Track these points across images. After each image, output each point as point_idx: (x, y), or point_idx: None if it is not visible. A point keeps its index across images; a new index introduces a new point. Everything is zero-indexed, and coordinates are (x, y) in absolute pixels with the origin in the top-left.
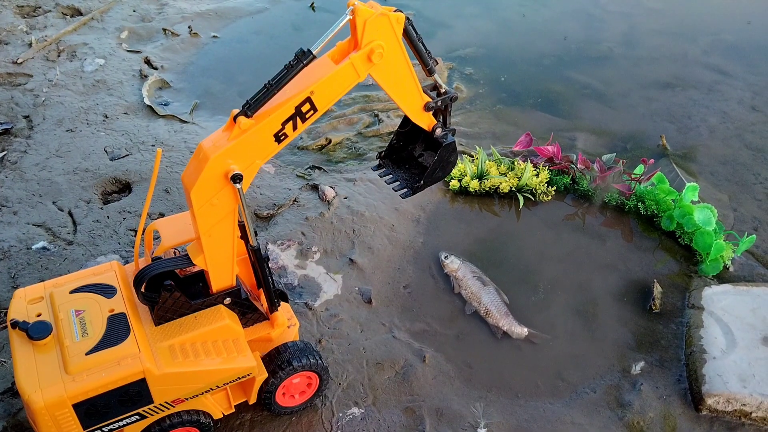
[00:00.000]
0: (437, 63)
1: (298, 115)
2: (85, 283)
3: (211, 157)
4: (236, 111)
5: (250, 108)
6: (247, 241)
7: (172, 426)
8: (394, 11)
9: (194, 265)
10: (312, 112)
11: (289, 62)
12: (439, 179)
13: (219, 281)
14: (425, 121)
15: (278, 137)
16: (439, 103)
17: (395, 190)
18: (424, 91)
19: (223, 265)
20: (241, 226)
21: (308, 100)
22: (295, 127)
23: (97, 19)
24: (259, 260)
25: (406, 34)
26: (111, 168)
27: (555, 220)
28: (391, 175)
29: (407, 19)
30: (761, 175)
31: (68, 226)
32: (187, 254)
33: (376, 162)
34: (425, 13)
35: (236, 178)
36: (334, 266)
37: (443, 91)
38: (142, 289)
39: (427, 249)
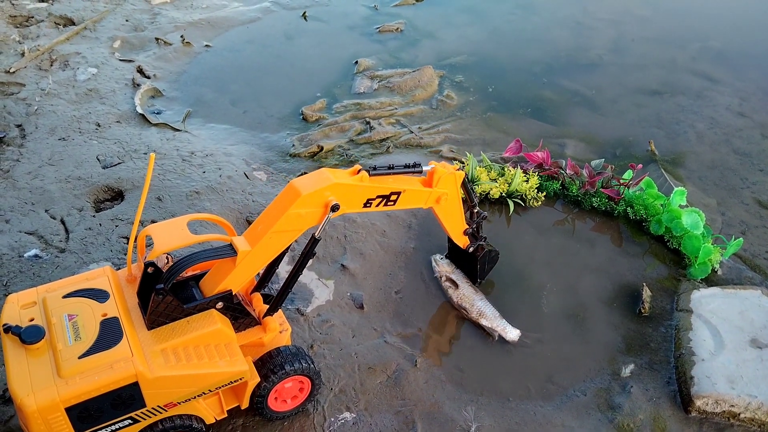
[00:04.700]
0: (479, 199)
1: (387, 198)
2: (77, 287)
3: (335, 181)
4: (360, 167)
5: (373, 171)
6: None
7: (165, 431)
8: (458, 170)
9: (236, 255)
10: (392, 203)
11: (409, 164)
12: (489, 272)
13: (234, 281)
14: (462, 241)
15: (366, 203)
16: (474, 226)
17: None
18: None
19: (253, 267)
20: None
21: (398, 193)
22: (377, 204)
23: (89, 29)
24: (309, 253)
25: (462, 183)
26: (103, 176)
27: (545, 226)
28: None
29: (465, 175)
30: (748, 179)
31: (60, 233)
32: (230, 244)
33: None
34: (416, 22)
35: (335, 208)
36: (325, 272)
37: (476, 211)
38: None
39: (419, 254)
